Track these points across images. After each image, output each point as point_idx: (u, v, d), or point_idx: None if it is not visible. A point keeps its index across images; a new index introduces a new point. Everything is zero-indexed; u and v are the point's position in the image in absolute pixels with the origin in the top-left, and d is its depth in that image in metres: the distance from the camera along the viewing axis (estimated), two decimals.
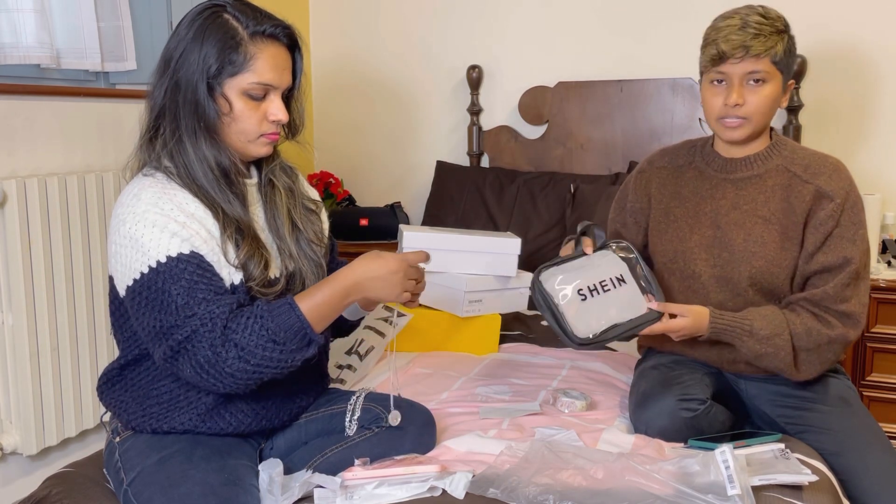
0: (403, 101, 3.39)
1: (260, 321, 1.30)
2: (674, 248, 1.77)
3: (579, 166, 3.07)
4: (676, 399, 1.59)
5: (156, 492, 1.31)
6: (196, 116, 1.38)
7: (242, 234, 1.40)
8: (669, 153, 1.87)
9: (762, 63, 1.60)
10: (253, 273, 1.39)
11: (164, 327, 1.31)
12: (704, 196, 1.75)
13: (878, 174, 2.77)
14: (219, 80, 1.37)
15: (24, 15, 2.08)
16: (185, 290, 1.30)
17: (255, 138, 1.43)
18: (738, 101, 1.62)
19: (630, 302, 1.64)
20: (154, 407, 1.42)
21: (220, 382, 1.31)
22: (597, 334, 1.58)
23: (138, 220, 1.33)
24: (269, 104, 1.42)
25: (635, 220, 1.87)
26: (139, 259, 1.32)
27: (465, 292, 2.13)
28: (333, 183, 3.27)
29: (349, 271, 1.38)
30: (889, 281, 2.45)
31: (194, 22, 1.39)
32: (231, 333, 1.29)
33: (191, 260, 1.32)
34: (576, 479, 1.34)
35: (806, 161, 1.69)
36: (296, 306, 1.32)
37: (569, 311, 1.58)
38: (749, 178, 1.71)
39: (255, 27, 1.38)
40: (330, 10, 3.44)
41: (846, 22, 2.76)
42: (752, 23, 1.60)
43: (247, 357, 1.29)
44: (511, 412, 1.73)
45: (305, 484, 1.36)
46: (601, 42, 3.06)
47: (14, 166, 2.12)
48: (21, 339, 2.05)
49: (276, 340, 1.30)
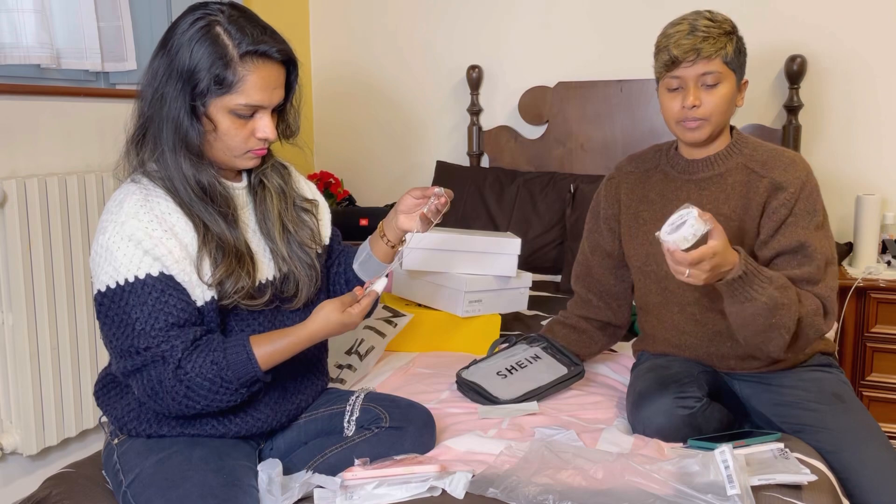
0: (403, 101, 3.39)
1: (215, 367, 1.32)
2: (645, 252, 1.79)
3: (579, 166, 3.07)
4: (673, 397, 1.59)
5: (155, 493, 1.31)
6: (177, 134, 1.35)
7: (223, 252, 1.38)
8: (636, 158, 1.90)
9: (714, 64, 1.63)
10: (230, 290, 1.38)
11: (120, 348, 1.33)
12: (670, 198, 1.77)
13: (877, 174, 2.77)
14: (204, 100, 1.34)
15: (24, 15, 2.08)
16: (146, 315, 1.31)
17: (242, 154, 1.42)
18: (695, 103, 1.65)
19: (549, 368, 1.86)
20: (150, 412, 1.42)
21: (168, 410, 1.35)
22: (519, 396, 1.78)
23: (117, 231, 1.33)
24: (257, 122, 1.39)
25: (609, 227, 1.90)
26: (108, 272, 1.33)
27: (465, 292, 2.14)
28: (333, 183, 3.27)
29: (307, 328, 1.39)
30: (889, 281, 2.45)
31: (185, 33, 1.35)
32: (182, 374, 1.32)
33: (157, 284, 1.32)
34: (576, 479, 1.34)
35: (764, 157, 1.71)
36: (251, 352, 1.34)
37: (492, 386, 1.81)
38: (710, 177, 1.73)
39: (247, 46, 1.33)
40: (330, 10, 3.44)
41: (846, 22, 2.76)
42: (700, 27, 1.63)
43: (193, 396, 1.33)
44: (511, 412, 1.73)
45: (305, 484, 1.36)
46: (601, 42, 3.06)
47: (14, 166, 2.12)
48: (21, 339, 2.05)
49: (225, 385, 1.33)
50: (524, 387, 1.80)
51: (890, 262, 2.59)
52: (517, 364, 1.87)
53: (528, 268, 2.60)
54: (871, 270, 2.51)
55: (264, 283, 1.46)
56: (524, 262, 2.48)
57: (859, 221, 2.57)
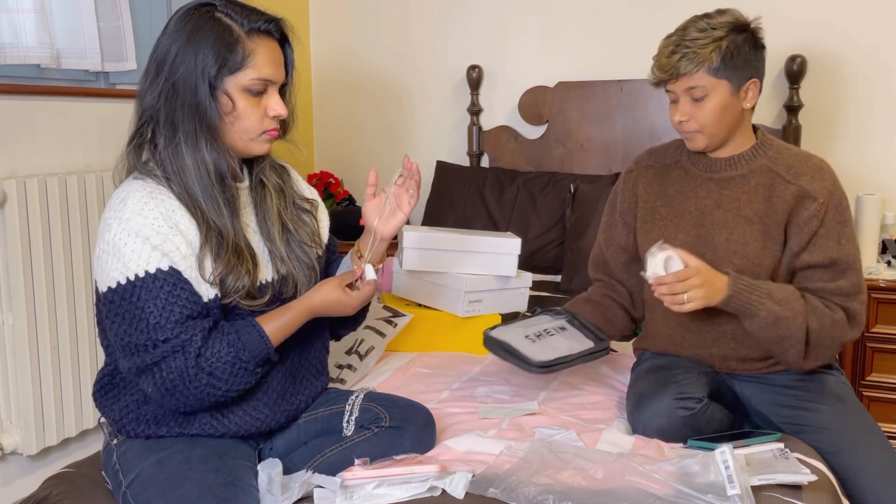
0: (403, 101, 3.39)
1: (233, 349, 1.34)
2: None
3: (579, 166, 3.07)
4: (673, 398, 1.59)
5: (154, 493, 1.31)
6: (197, 118, 1.37)
7: (223, 247, 1.38)
8: (657, 152, 1.88)
9: (696, 78, 1.63)
10: (231, 288, 1.39)
11: (133, 344, 1.32)
12: (689, 195, 1.77)
13: (877, 174, 2.77)
14: (219, 79, 1.37)
15: (24, 15, 2.08)
16: (160, 309, 1.31)
17: (257, 136, 1.43)
18: (682, 118, 1.67)
19: (576, 339, 1.80)
20: (148, 413, 1.42)
21: (185, 404, 1.36)
22: (551, 360, 1.70)
23: (122, 228, 1.33)
24: (269, 99, 1.42)
25: (624, 221, 1.88)
26: (118, 268, 1.32)
27: (465, 292, 2.14)
28: (333, 183, 3.27)
29: (307, 301, 1.44)
30: (889, 281, 2.45)
31: (185, 22, 1.38)
32: (204, 361, 1.32)
33: (168, 277, 1.32)
34: (576, 479, 1.34)
35: (790, 161, 1.70)
36: (262, 330, 1.38)
37: (522, 346, 1.73)
38: (733, 177, 1.73)
39: (250, 24, 1.38)
40: (330, 11, 3.44)
41: (846, 22, 2.76)
42: (685, 41, 1.62)
43: (217, 383, 1.34)
44: (511, 412, 1.73)
45: (305, 484, 1.36)
46: (601, 42, 3.06)
47: (14, 166, 2.12)
48: (21, 339, 2.05)
49: (244, 365, 1.35)
50: (553, 353, 1.73)
51: (890, 262, 2.59)
52: (544, 331, 1.81)
53: (528, 268, 2.60)
54: (871, 270, 2.51)
55: (264, 283, 1.46)
56: (524, 262, 2.48)
57: (859, 221, 2.57)
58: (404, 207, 1.55)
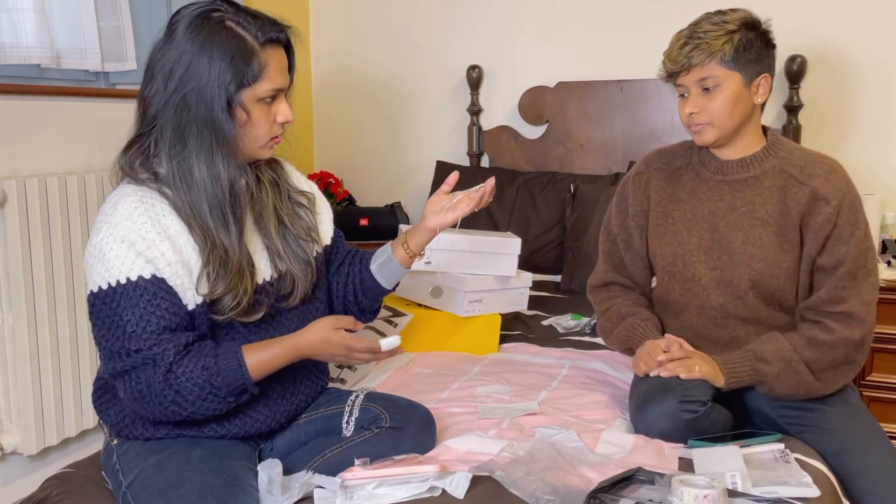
0: (403, 101, 3.39)
1: (206, 373, 1.32)
2: (672, 252, 1.77)
3: (579, 166, 3.07)
4: (677, 401, 1.58)
5: (154, 494, 1.31)
6: (213, 132, 1.34)
7: (227, 268, 1.36)
8: (666, 154, 1.86)
9: (709, 69, 1.63)
10: (227, 307, 1.38)
11: (109, 350, 1.33)
12: (702, 198, 1.76)
13: (877, 174, 2.77)
14: (237, 94, 1.34)
15: (24, 15, 2.08)
16: (137, 318, 1.30)
17: (266, 142, 1.43)
18: (693, 110, 1.67)
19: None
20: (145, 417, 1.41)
21: (153, 414, 1.35)
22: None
23: (110, 232, 1.32)
24: (278, 105, 1.41)
25: (637, 224, 1.85)
26: (101, 273, 1.32)
27: (465, 292, 2.14)
28: (333, 183, 3.27)
29: (298, 339, 1.40)
30: (889, 281, 2.44)
31: (196, 32, 1.33)
32: (173, 378, 1.31)
33: (149, 286, 1.31)
34: (581, 486, 1.33)
35: (802, 162, 1.69)
36: (242, 360, 1.34)
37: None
38: (745, 179, 1.72)
39: (265, 35, 1.35)
40: (330, 11, 3.44)
41: (846, 22, 2.76)
42: (698, 33, 1.64)
43: (183, 402, 1.32)
44: (511, 412, 1.73)
45: (305, 484, 1.36)
46: (601, 42, 3.06)
47: (14, 166, 2.12)
48: (21, 339, 2.05)
49: (214, 391, 1.32)
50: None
51: (890, 262, 2.59)
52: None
53: (528, 268, 2.60)
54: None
55: (262, 284, 1.45)
56: (524, 262, 2.48)
57: None
58: (458, 210, 1.58)
